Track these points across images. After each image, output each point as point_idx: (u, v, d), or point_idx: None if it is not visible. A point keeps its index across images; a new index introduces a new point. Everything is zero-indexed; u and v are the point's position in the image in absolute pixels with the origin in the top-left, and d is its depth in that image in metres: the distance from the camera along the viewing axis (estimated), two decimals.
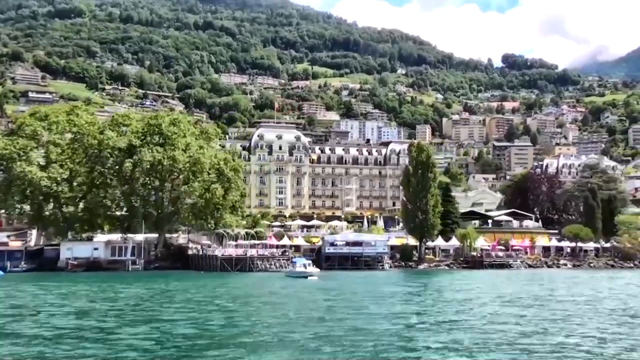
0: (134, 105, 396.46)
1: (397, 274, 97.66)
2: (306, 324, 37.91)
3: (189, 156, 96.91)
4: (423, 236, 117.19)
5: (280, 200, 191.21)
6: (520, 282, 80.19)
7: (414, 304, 51.27)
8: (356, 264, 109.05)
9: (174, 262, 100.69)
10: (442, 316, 42.20)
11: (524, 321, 39.94)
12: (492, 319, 40.75)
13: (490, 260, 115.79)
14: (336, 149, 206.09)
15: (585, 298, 56.43)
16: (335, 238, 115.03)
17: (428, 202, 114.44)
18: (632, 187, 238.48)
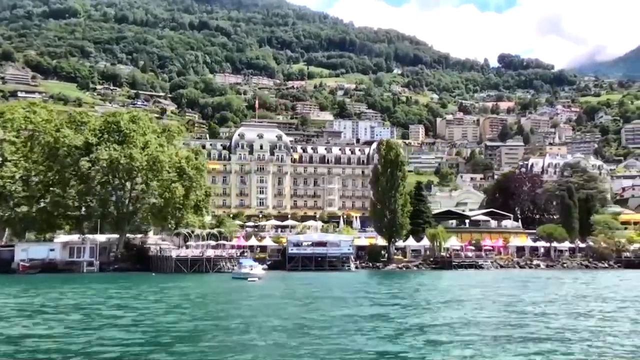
0: (125, 105, 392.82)
1: (359, 276, 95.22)
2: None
3: (147, 154, 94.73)
4: (392, 236, 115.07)
5: (261, 200, 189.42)
6: (463, 284, 77.58)
7: (308, 311, 45.38)
8: (320, 264, 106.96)
9: (135, 263, 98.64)
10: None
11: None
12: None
13: (459, 260, 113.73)
14: (318, 149, 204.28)
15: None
16: (298, 238, 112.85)
17: (397, 202, 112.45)
18: (619, 186, 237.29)
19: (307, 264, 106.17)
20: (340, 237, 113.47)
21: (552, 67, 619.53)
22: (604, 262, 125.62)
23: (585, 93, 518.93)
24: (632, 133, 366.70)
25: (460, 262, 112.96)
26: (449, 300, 53.00)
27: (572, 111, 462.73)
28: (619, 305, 49.61)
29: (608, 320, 40.48)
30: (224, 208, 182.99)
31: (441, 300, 53.14)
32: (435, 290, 66.03)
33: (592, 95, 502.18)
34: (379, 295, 58.27)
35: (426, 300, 53.52)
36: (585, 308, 47.44)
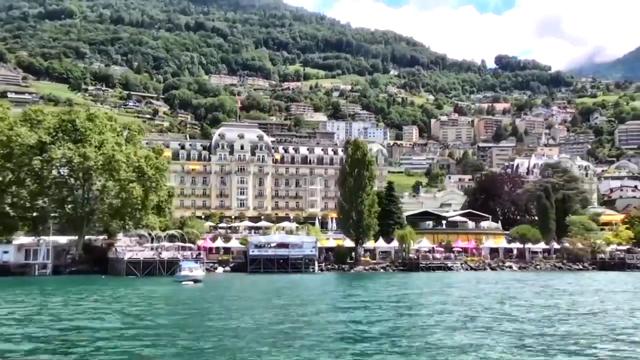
0: (116, 106, 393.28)
1: (317, 278, 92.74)
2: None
3: (102, 154, 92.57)
4: (359, 237, 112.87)
5: (242, 201, 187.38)
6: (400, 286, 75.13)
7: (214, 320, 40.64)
8: (283, 266, 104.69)
9: (94, 265, 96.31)
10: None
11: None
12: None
13: (427, 262, 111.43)
14: (300, 149, 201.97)
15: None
16: (260, 240, 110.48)
17: (363, 202, 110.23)
18: (607, 187, 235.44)
19: (269, 266, 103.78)
20: (302, 239, 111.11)
21: (549, 68, 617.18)
22: (578, 264, 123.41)
23: (582, 94, 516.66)
24: (625, 134, 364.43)
25: (428, 264, 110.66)
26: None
27: (568, 112, 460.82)
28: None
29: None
30: (203, 209, 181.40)
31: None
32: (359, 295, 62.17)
33: (588, 97, 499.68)
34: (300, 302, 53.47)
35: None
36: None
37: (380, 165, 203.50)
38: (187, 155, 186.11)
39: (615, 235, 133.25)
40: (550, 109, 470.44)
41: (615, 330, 35.57)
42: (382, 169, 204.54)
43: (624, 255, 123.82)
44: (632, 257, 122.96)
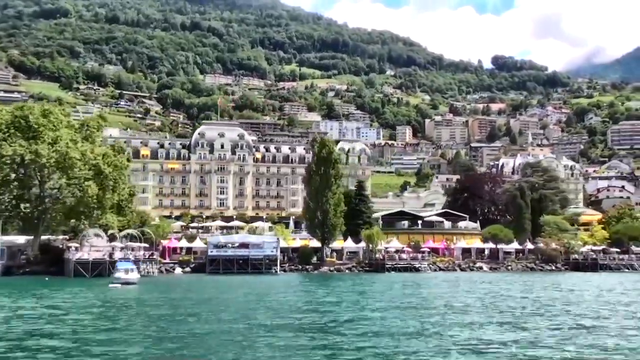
0: (108, 105, 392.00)
1: (277, 279, 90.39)
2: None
3: (55, 150, 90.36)
4: (325, 237, 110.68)
5: (222, 201, 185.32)
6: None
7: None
8: (242, 267, 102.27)
9: (50, 266, 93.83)
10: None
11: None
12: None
13: (393, 263, 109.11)
14: (282, 148, 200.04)
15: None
16: (219, 240, 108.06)
17: (329, 201, 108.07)
18: (594, 187, 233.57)
19: (228, 266, 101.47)
20: (263, 239, 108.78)
21: (545, 69, 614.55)
22: (551, 265, 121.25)
23: (578, 95, 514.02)
24: (618, 134, 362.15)
25: (394, 265, 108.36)
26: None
27: (563, 113, 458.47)
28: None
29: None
30: (182, 209, 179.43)
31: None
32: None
33: (584, 97, 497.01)
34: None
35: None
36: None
37: (363, 165, 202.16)
38: (166, 154, 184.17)
39: (590, 236, 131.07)
40: (545, 109, 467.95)
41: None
42: (365, 169, 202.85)
43: (597, 255, 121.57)
44: (605, 257, 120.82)
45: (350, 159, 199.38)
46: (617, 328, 38.12)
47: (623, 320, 42.52)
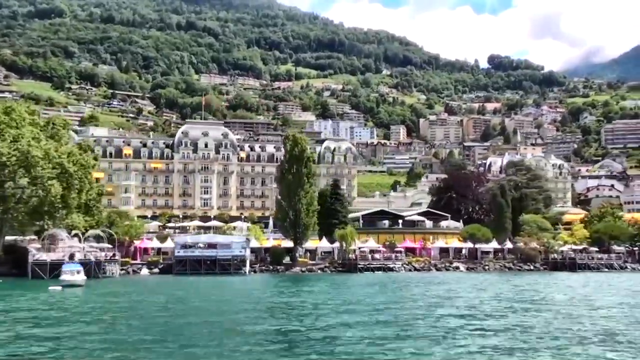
0: (100, 105, 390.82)
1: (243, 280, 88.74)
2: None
3: (16, 149, 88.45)
4: (297, 237, 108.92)
5: (206, 201, 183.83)
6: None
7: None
8: (210, 268, 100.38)
9: (14, 267, 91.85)
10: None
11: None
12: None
13: (366, 263, 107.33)
14: (267, 147, 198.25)
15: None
16: (186, 240, 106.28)
17: (301, 200, 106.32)
18: (584, 186, 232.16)
19: (196, 267, 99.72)
20: (231, 239, 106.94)
21: (541, 68, 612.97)
22: (529, 265, 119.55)
23: (574, 94, 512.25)
24: (611, 133, 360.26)
25: (366, 265, 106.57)
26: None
27: (558, 112, 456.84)
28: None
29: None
30: (165, 209, 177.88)
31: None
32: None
33: (580, 96, 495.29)
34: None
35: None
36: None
37: (349, 164, 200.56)
38: (149, 154, 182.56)
39: (570, 235, 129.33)
40: (540, 109, 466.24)
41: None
42: (351, 168, 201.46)
43: (575, 255, 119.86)
44: (584, 257, 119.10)
45: (336, 157, 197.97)
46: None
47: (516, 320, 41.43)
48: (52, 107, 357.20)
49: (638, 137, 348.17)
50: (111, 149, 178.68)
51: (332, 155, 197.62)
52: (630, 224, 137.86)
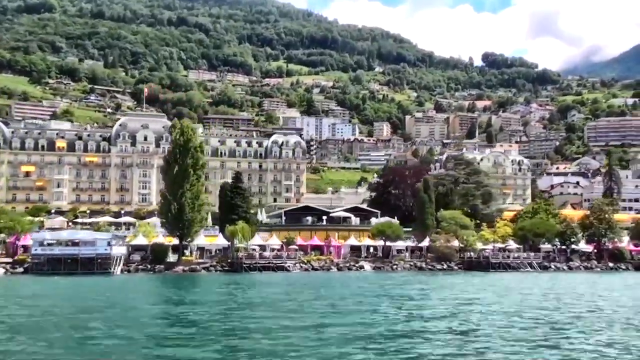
0: (77, 100, 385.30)
1: (94, 282, 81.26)
2: None
3: None
4: (182, 233, 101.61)
5: (144, 196, 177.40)
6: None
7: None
8: (72, 267, 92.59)
9: None
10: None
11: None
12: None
13: (252, 262, 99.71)
14: (211, 140, 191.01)
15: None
16: (44, 236, 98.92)
17: (185, 194, 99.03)
18: (548, 183, 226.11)
19: (56, 266, 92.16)
20: (95, 235, 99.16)
21: (535, 66, 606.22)
22: (443, 264, 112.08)
23: (567, 92, 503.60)
24: (594, 131, 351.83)
25: (253, 264, 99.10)
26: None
27: (547, 110, 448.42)
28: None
29: None
30: (102, 204, 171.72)
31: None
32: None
33: (573, 95, 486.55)
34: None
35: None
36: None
37: (298, 159, 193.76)
38: (85, 147, 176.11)
39: (493, 232, 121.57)
40: (529, 107, 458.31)
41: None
42: (300, 162, 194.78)
43: (489, 254, 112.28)
44: (498, 256, 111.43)
45: (284, 152, 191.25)
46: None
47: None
48: (26, 102, 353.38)
49: (621, 135, 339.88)
50: (43, 141, 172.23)
51: (280, 150, 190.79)
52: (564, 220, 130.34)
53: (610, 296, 62.86)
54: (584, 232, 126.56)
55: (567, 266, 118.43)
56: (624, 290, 73.41)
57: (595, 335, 34.91)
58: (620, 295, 63.92)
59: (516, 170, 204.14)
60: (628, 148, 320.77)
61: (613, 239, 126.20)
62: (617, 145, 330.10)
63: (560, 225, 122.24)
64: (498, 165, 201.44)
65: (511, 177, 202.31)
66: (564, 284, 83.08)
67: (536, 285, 78.08)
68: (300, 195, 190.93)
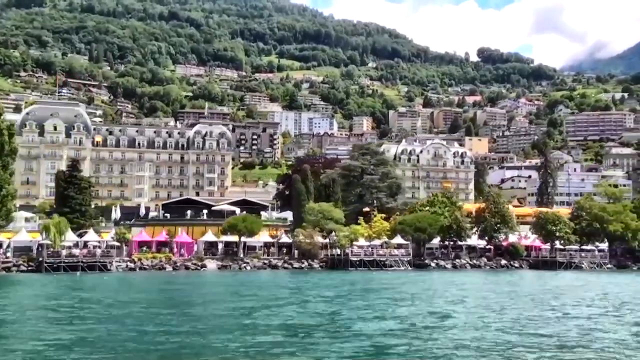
0: (48, 93, 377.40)
1: None
2: None
3: None
4: None
5: (52, 190, 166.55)
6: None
7: None
8: None
9: None
10: None
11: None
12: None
13: (55, 261, 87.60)
14: (128, 130, 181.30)
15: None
16: None
17: None
18: (498, 177, 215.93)
19: None
20: None
21: (531, 62, 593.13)
22: (304, 262, 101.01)
23: (561, 88, 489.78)
24: (573, 125, 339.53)
25: (55, 263, 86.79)
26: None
27: (535, 104, 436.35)
28: None
29: None
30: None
31: None
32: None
33: (567, 90, 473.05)
34: None
35: None
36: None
37: (222, 150, 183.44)
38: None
39: (365, 228, 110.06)
40: (517, 102, 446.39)
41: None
42: (225, 154, 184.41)
43: (349, 251, 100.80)
44: (360, 253, 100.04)
45: (207, 143, 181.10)
46: None
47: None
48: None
49: (600, 130, 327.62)
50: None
51: (203, 141, 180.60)
52: (467, 215, 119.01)
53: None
54: (477, 226, 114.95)
55: (452, 264, 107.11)
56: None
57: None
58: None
59: (458, 164, 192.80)
60: (605, 142, 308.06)
61: (507, 233, 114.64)
62: (595, 140, 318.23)
63: (447, 220, 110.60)
64: (438, 157, 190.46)
65: (452, 170, 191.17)
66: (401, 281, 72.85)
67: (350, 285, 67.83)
68: (225, 189, 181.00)
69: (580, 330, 35.64)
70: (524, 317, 41.55)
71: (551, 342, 31.55)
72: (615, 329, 36.21)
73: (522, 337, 33.33)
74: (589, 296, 58.64)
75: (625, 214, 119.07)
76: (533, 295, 58.80)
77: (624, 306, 49.88)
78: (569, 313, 44.47)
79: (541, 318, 41.34)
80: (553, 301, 53.49)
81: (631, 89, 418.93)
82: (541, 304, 51.19)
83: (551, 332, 34.56)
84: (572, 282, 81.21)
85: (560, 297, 57.32)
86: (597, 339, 32.89)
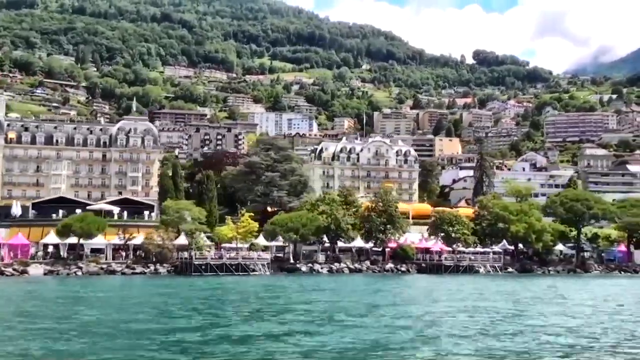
0: (22, 93, 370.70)
1: None
2: None
3: None
4: None
5: None
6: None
7: None
8: None
9: None
10: None
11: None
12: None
13: None
14: (45, 126, 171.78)
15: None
16: None
17: None
18: (451, 178, 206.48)
19: None
20: None
21: (526, 64, 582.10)
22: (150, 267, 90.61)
23: (555, 90, 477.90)
24: (552, 126, 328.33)
25: None
26: None
27: (523, 106, 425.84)
28: None
29: None
30: None
31: None
32: None
33: (562, 92, 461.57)
34: None
35: None
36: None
37: (148, 148, 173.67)
38: None
39: (235, 229, 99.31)
40: (505, 103, 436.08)
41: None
42: (150, 152, 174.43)
43: (192, 255, 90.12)
44: (206, 257, 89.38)
45: (131, 140, 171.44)
46: None
47: None
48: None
49: (580, 131, 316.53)
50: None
51: (127, 138, 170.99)
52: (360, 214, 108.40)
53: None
54: (363, 227, 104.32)
55: (328, 268, 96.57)
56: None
57: None
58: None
59: (401, 162, 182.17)
60: (584, 143, 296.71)
61: (394, 234, 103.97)
62: (574, 142, 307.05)
63: (325, 220, 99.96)
64: (380, 156, 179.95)
65: (395, 170, 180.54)
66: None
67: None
68: (150, 189, 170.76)
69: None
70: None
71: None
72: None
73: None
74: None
75: (530, 214, 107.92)
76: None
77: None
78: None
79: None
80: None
81: (621, 90, 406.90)
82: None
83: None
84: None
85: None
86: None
